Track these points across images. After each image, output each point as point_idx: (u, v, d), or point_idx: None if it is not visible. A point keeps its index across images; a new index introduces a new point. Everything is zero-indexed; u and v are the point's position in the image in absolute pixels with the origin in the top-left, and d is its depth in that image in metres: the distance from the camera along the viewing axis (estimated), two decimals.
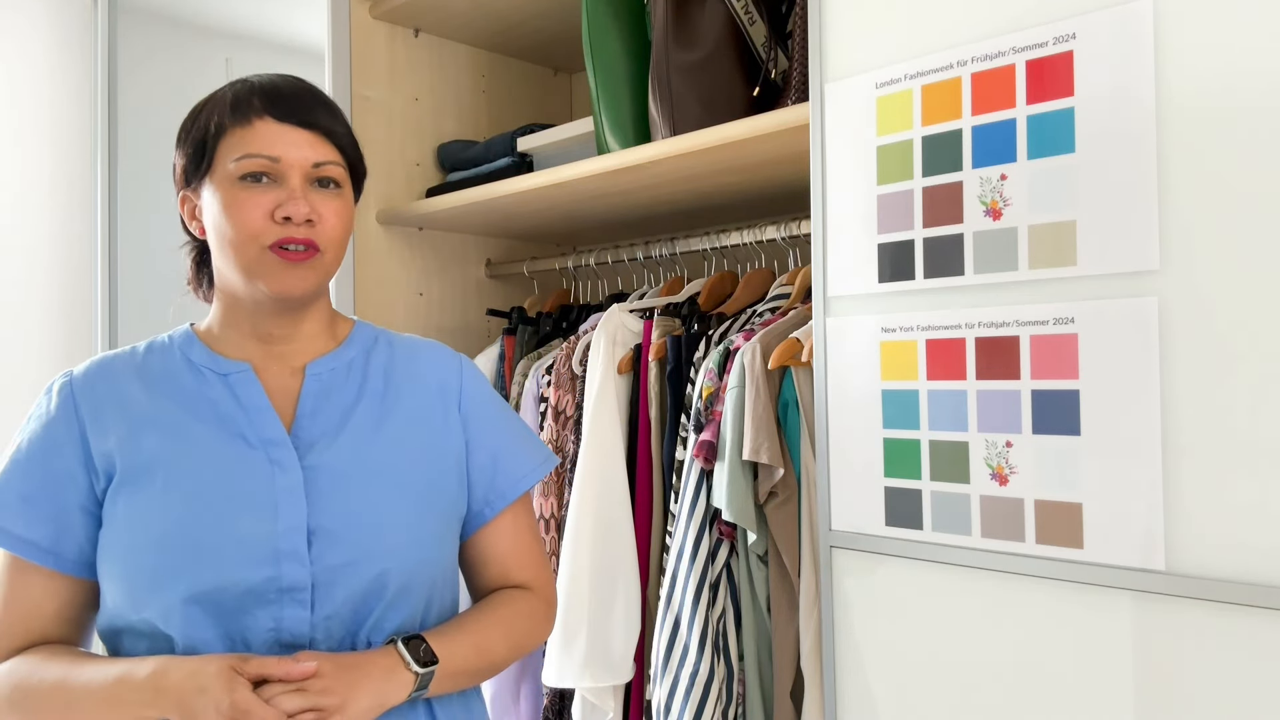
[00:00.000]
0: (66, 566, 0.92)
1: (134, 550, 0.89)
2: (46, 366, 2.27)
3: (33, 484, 0.92)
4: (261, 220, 0.91)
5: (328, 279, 0.98)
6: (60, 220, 2.29)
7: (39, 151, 2.26)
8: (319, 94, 0.97)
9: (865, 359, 1.11)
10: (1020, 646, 0.99)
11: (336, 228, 0.95)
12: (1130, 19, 0.92)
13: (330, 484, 0.93)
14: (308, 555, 0.90)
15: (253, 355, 0.98)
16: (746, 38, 1.40)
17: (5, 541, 0.91)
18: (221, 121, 0.93)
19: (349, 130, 0.99)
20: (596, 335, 1.59)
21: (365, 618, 0.92)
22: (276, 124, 0.92)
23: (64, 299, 2.29)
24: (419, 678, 0.89)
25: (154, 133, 2.32)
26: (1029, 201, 0.98)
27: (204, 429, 0.93)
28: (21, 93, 2.24)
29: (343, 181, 0.97)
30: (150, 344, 1.02)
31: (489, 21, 1.93)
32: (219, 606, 0.88)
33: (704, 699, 1.30)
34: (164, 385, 0.96)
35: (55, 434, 0.94)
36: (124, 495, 0.90)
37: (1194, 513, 0.89)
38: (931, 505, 1.06)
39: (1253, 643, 0.86)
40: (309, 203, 0.92)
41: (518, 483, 1.06)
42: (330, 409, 0.98)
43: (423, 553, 0.96)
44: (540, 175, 1.57)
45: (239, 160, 0.91)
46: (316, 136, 0.94)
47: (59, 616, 0.93)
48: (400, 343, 1.07)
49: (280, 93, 0.94)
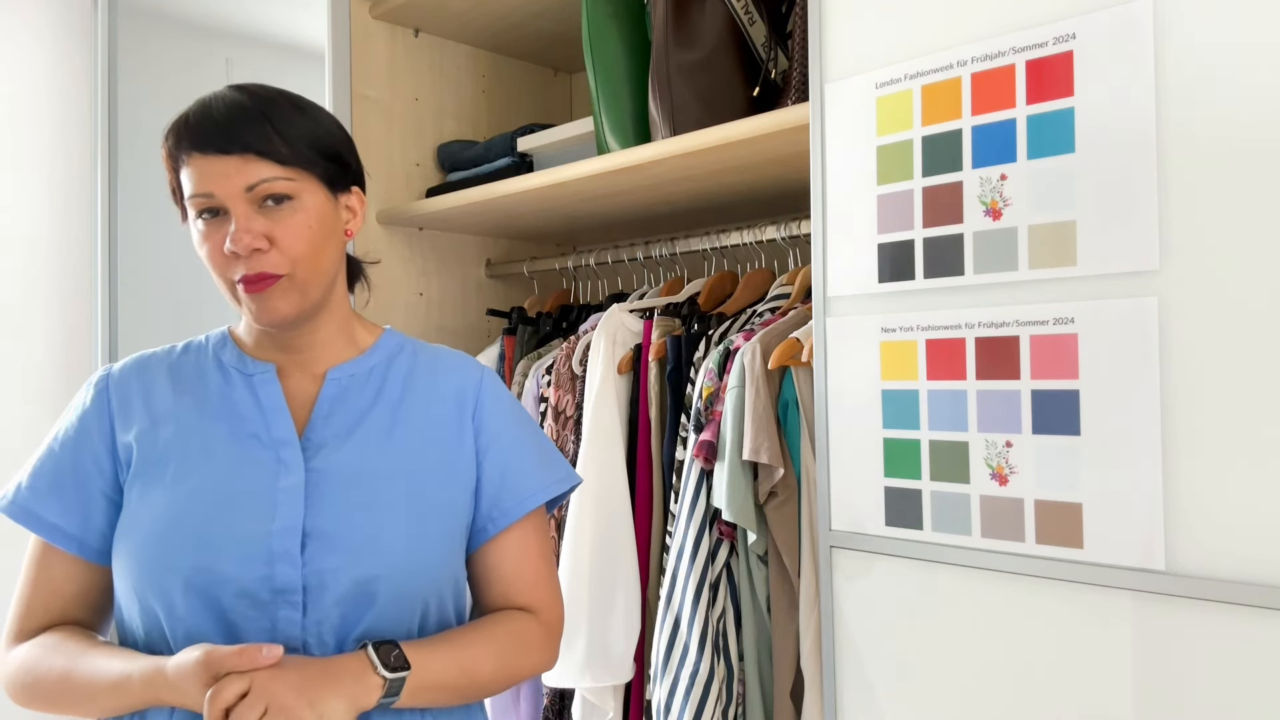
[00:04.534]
0: (90, 553, 0.95)
1: (140, 539, 0.91)
2: (46, 366, 2.27)
3: (64, 472, 0.96)
4: (220, 258, 0.91)
5: (312, 294, 0.94)
6: (60, 220, 2.29)
7: (39, 152, 2.26)
8: (258, 104, 0.92)
9: (865, 359, 1.11)
10: (1020, 646, 0.99)
11: (295, 245, 0.91)
12: (1130, 19, 0.92)
13: (331, 487, 0.93)
14: (300, 557, 0.90)
15: (278, 359, 1.00)
16: (746, 38, 1.40)
17: (35, 525, 0.96)
18: (170, 164, 0.94)
19: (305, 132, 0.93)
20: (596, 335, 1.59)
21: (355, 624, 0.91)
22: (203, 158, 0.89)
23: (64, 299, 2.29)
24: (387, 683, 0.86)
25: (154, 133, 2.31)
26: (1029, 201, 0.98)
27: (219, 426, 0.96)
28: (21, 93, 2.24)
29: (295, 192, 0.91)
30: (188, 344, 1.04)
31: (489, 21, 1.93)
32: (217, 602, 0.89)
33: (704, 699, 1.30)
34: (190, 383, 0.99)
35: (87, 425, 0.97)
36: (138, 485, 0.94)
37: (1194, 513, 0.89)
38: (931, 505, 1.06)
39: (1253, 643, 0.86)
40: (255, 229, 0.89)
41: (524, 500, 1.03)
42: (344, 413, 0.98)
43: (419, 562, 0.95)
44: (540, 175, 1.57)
45: (188, 200, 0.92)
46: (245, 159, 0.89)
47: (80, 600, 0.97)
48: (425, 352, 1.07)
49: (205, 122, 0.90)
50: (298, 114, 0.94)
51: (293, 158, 0.92)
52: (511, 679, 0.99)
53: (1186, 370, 0.89)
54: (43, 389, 2.27)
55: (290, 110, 0.94)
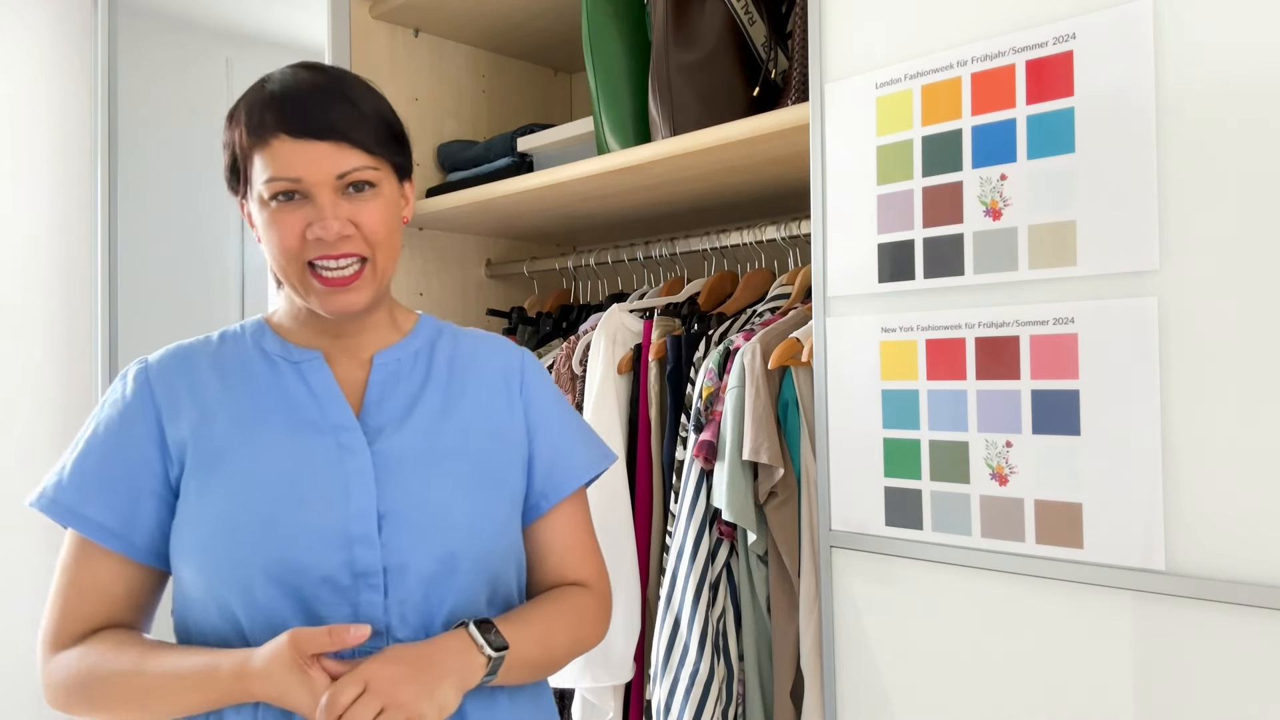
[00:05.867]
0: (136, 552, 0.92)
1: (210, 536, 0.89)
2: (46, 365, 2.27)
3: (107, 468, 0.92)
4: (296, 240, 0.91)
5: (381, 285, 0.96)
6: (60, 219, 2.29)
7: (39, 151, 2.26)
8: (337, 89, 0.93)
9: (865, 359, 1.11)
10: (1020, 646, 0.99)
11: (377, 230, 0.93)
12: (1130, 19, 0.92)
13: (398, 468, 0.93)
14: (378, 539, 0.90)
15: (322, 345, 1.00)
16: (746, 38, 1.40)
17: (77, 524, 0.91)
18: (245, 141, 0.92)
19: (379, 117, 0.95)
20: (596, 335, 1.59)
21: (438, 602, 0.91)
22: (293, 141, 0.89)
23: (64, 298, 2.29)
24: (490, 661, 0.88)
25: (154, 133, 2.32)
26: (1029, 201, 0.98)
27: (275, 415, 0.94)
28: (22, 92, 2.24)
29: (378, 180, 0.93)
30: (223, 333, 1.02)
31: (489, 21, 1.93)
32: (297, 591, 0.88)
33: (704, 699, 1.30)
34: (237, 373, 0.97)
35: (131, 419, 0.94)
36: (196, 481, 0.91)
37: (1194, 512, 0.89)
38: (931, 505, 1.06)
39: (1253, 643, 0.86)
40: (342, 215, 0.91)
41: (576, 476, 1.05)
42: (397, 396, 0.98)
43: (491, 536, 0.96)
44: (540, 175, 1.57)
45: (265, 183, 0.90)
46: (337, 146, 0.90)
47: (126, 601, 0.93)
48: (464, 335, 1.08)
49: (294, 103, 0.90)
50: (372, 95, 0.96)
51: (377, 147, 0.93)
52: (576, 654, 1.01)
53: (1186, 370, 0.89)
54: (42, 388, 2.27)
55: (365, 91, 0.95)
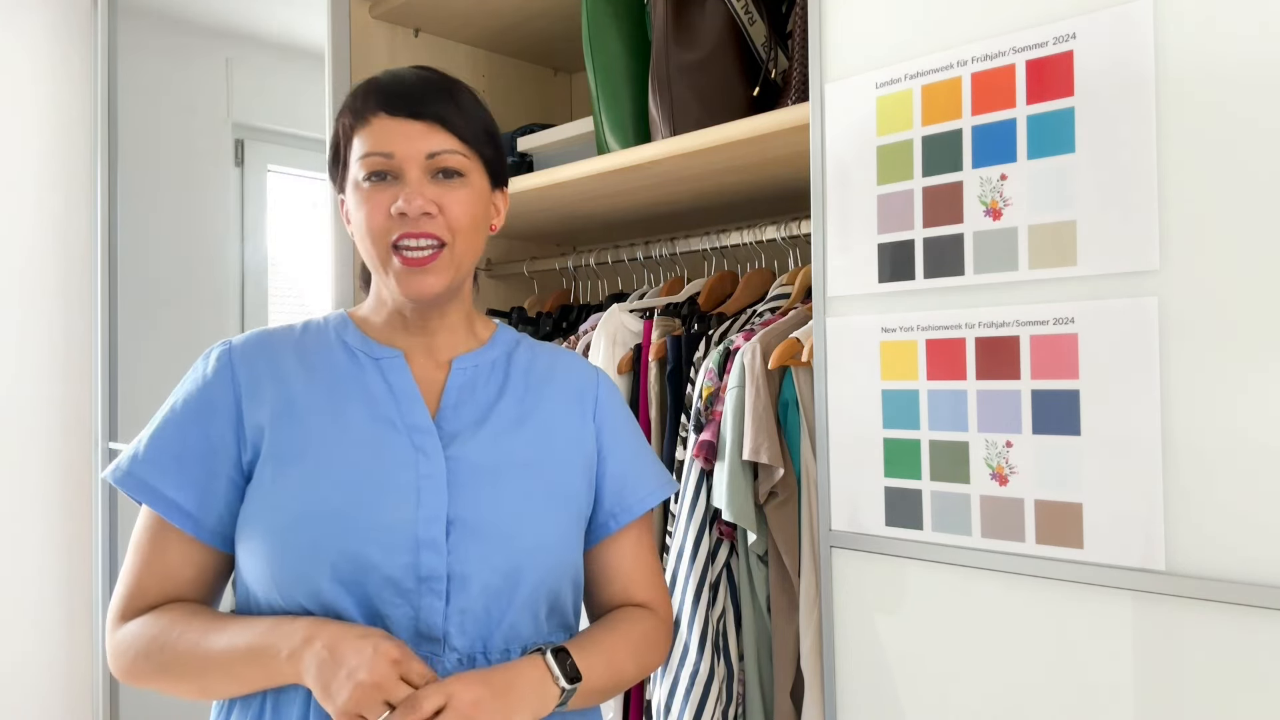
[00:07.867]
0: (204, 535, 0.92)
1: (280, 524, 0.88)
2: (46, 365, 2.27)
3: (185, 445, 0.92)
4: (383, 218, 0.91)
5: (459, 274, 0.96)
6: (60, 219, 2.29)
7: (39, 151, 2.26)
8: (444, 83, 0.96)
9: (865, 359, 1.11)
10: (1020, 646, 0.99)
11: (460, 218, 0.93)
12: (1130, 19, 0.92)
13: (470, 476, 0.93)
14: (445, 545, 0.89)
15: (402, 344, 1.00)
16: (746, 37, 1.40)
17: (151, 499, 0.91)
18: (347, 124, 0.95)
19: (479, 117, 0.97)
20: (596, 335, 1.59)
21: (498, 615, 0.91)
22: (390, 119, 0.92)
23: (63, 298, 2.29)
24: (564, 693, 0.88)
25: (154, 133, 2.32)
26: (1029, 201, 0.98)
27: (356, 411, 0.94)
28: (22, 92, 2.24)
29: (467, 170, 0.94)
30: (306, 323, 1.02)
31: (489, 21, 1.93)
32: (362, 589, 0.87)
33: (704, 699, 1.30)
34: (320, 365, 0.97)
35: (211, 399, 0.93)
36: (271, 470, 0.90)
37: (1194, 513, 0.89)
38: (931, 505, 1.06)
39: (1253, 643, 0.86)
40: (427, 195, 0.91)
41: (644, 499, 1.05)
42: (473, 403, 0.98)
43: (556, 553, 0.95)
44: (540, 175, 1.57)
45: (361, 160, 0.92)
46: (430, 127, 0.92)
47: (195, 584, 0.93)
48: (542, 348, 1.08)
49: (397, 86, 0.94)
50: (476, 102, 0.98)
51: (471, 137, 0.95)
52: (640, 679, 1.02)
53: (1186, 370, 0.89)
54: (42, 388, 2.27)
55: (470, 96, 0.98)
